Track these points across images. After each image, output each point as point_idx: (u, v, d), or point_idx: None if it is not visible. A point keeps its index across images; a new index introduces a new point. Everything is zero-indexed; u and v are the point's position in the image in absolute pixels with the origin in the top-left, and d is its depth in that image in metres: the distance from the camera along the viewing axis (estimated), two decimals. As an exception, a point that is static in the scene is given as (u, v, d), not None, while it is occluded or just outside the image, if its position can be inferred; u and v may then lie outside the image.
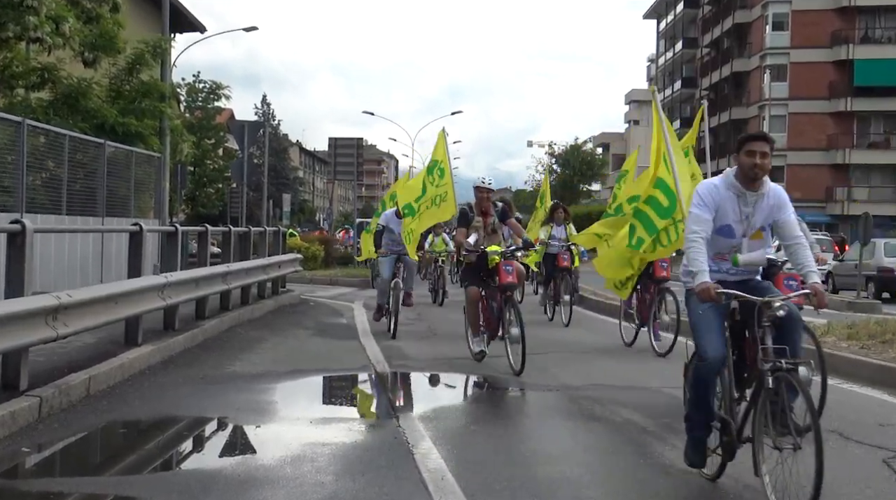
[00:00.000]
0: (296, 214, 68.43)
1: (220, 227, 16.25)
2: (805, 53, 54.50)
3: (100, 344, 9.71)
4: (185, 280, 11.41)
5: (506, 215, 10.47)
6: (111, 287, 9.45)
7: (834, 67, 54.27)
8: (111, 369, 8.50)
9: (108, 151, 15.76)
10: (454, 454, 6.09)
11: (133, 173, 17.05)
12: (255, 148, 46.36)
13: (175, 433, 7.16)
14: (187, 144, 21.23)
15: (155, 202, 19.01)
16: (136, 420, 7.32)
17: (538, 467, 5.89)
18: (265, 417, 7.42)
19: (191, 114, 43.50)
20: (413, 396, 9.00)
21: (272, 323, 14.35)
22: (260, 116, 78.56)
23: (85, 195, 15.26)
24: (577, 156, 61.56)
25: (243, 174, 21.28)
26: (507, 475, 5.55)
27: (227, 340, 12.03)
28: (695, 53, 70.70)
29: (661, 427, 6.97)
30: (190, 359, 10.21)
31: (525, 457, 6.15)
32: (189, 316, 12.28)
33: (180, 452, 6.59)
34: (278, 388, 8.85)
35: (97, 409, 7.43)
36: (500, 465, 5.88)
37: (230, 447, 6.64)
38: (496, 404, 8.36)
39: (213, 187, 45.17)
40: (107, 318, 8.82)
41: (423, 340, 12.48)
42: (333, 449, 6.21)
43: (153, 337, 10.39)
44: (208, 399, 8.07)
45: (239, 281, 14.35)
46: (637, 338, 11.77)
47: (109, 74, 17.38)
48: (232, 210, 34.94)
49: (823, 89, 53.71)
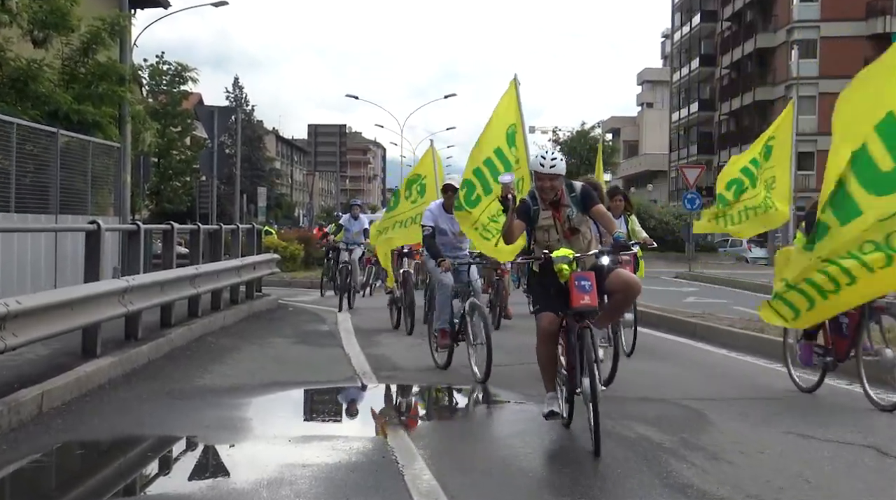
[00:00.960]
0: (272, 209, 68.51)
1: (188, 225, 16.24)
2: (837, 27, 54.67)
3: (54, 356, 9.68)
4: (148, 284, 11.40)
5: (590, 202, 7.48)
6: (66, 292, 9.44)
7: (869, 42, 54.34)
8: (67, 384, 8.47)
9: (62, 141, 15.72)
10: (448, 474, 6.09)
11: (90, 166, 17.01)
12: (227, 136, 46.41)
13: (138, 454, 7.15)
14: (150, 132, 21.15)
15: (115, 198, 18.97)
16: (95, 440, 7.31)
17: (542, 490, 5.89)
18: (239, 435, 7.42)
19: (154, 99, 43.51)
20: (403, 410, 9.01)
21: (246, 331, 14.34)
22: (231, 100, 78.63)
23: (36, 190, 15.21)
24: (585, 143, 61.70)
25: (213, 166, 21.29)
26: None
27: (197, 350, 12.01)
28: (714, 28, 70.87)
29: (678, 443, 6.98)
30: (155, 372, 10.19)
31: (528, 478, 6.15)
32: (154, 324, 12.26)
33: (145, 475, 6.58)
34: (253, 403, 8.84)
35: (51, 428, 7.41)
36: (499, 487, 5.88)
37: (200, 469, 6.63)
38: (495, 420, 8.37)
39: (180, 181, 45.20)
40: (61, 327, 8.80)
41: (413, 347, 12.49)
42: (315, 471, 6.21)
43: (113, 348, 10.36)
44: (175, 416, 8.06)
45: (209, 285, 14.34)
46: (824, 380, 9.13)
47: (62, 55, 17.32)
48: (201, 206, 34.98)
49: (858, 67, 52.21)
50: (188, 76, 39.08)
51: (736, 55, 64.27)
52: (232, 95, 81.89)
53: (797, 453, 6.75)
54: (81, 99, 16.73)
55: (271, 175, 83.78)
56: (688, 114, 75.48)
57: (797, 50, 53.24)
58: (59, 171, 15.59)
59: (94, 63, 17.59)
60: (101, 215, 16.44)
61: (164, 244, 14.67)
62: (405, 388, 9.96)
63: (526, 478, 6.16)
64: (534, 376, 9.35)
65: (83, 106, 16.49)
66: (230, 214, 32.67)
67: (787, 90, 55.70)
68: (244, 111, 74.17)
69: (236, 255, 18.41)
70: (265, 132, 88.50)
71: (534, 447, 7.08)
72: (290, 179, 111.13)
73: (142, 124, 19.92)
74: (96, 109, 16.83)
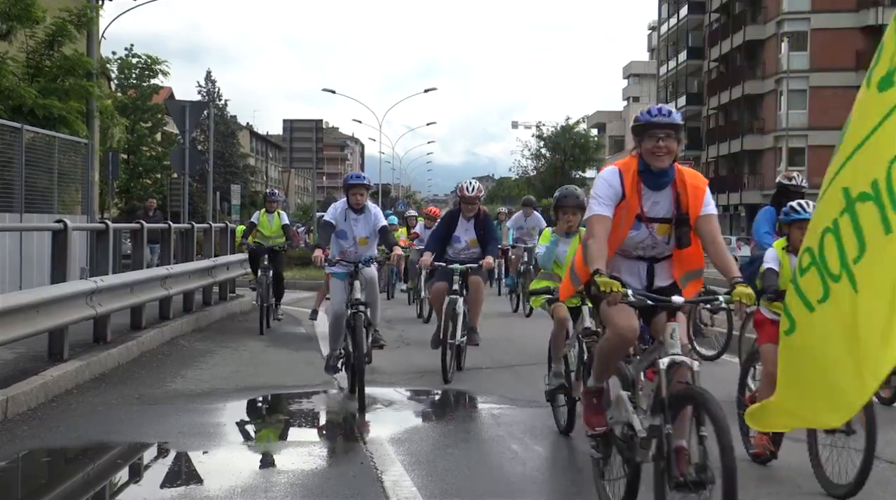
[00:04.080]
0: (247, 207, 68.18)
1: (160, 224, 16.17)
2: (828, 18, 54.97)
3: (19, 360, 9.64)
4: (117, 285, 11.36)
5: None
6: (31, 294, 9.39)
7: (861, 34, 54.70)
8: (32, 389, 8.44)
9: (27, 137, 15.64)
10: (429, 481, 6.11)
11: (56, 163, 16.93)
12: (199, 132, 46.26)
13: (108, 461, 7.12)
14: (119, 128, 21.13)
15: (82, 196, 18.89)
16: (62, 448, 7.29)
17: (526, 497, 5.91)
18: (212, 442, 7.41)
19: (123, 93, 43.31)
20: (382, 415, 9.00)
21: (220, 333, 14.31)
22: (204, 95, 78.26)
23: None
24: (569, 138, 61.83)
25: (185, 163, 21.17)
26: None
27: (168, 353, 11.98)
28: (702, 19, 71.12)
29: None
30: (125, 376, 10.16)
31: (510, 483, 6.17)
32: (123, 327, 12.22)
33: (114, 483, 6.56)
34: (227, 408, 8.83)
35: (16, 435, 7.38)
36: (481, 494, 5.90)
37: (172, 476, 6.62)
38: (477, 424, 8.38)
39: (151, 178, 45.01)
40: (27, 330, 8.76)
41: (391, 351, 12.49)
42: (291, 478, 6.21)
43: (81, 351, 10.32)
44: (146, 422, 8.04)
45: (181, 286, 14.30)
46: None
47: (26, 48, 17.26)
48: (172, 204, 34.86)
49: (849, 59, 54.13)
50: (159, 69, 38.78)
51: (724, 48, 64.52)
52: (204, 90, 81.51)
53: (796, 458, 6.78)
54: (47, 93, 16.67)
55: (245, 172, 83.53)
56: (675, 108, 75.76)
57: (787, 42, 53.55)
58: (23, 168, 15.50)
59: (60, 56, 17.53)
60: (67, 214, 16.37)
61: (134, 244, 14.62)
62: (385, 391, 9.95)
63: (508, 483, 6.18)
64: (514, 378, 9.39)
65: (49, 100, 16.43)
66: (203, 212, 32.59)
67: (777, 84, 56.03)
68: (217, 106, 73.90)
69: (209, 255, 18.37)
70: (239, 128, 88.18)
71: (521, 452, 7.10)
72: (266, 176, 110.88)
73: (110, 120, 19.89)
74: (63, 103, 16.77)
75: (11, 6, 16.05)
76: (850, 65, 54.05)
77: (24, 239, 15.09)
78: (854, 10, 54.97)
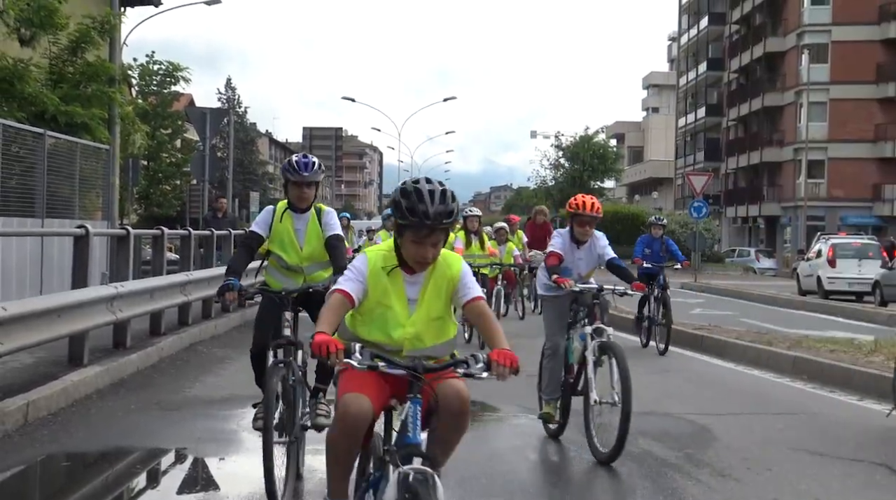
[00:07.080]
0: (265, 215, 68.40)
1: (179, 230, 16.23)
2: (848, 31, 54.70)
3: (40, 365, 9.69)
4: (138, 291, 11.39)
5: None
6: (53, 299, 9.44)
7: (882, 47, 54.49)
8: (53, 394, 8.48)
9: (49, 143, 15.72)
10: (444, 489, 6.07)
11: (78, 168, 17.01)
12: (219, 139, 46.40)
13: (126, 466, 7.14)
14: (140, 134, 21.18)
15: (103, 202, 18.97)
16: (82, 452, 7.31)
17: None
18: (230, 448, 7.42)
19: (144, 100, 43.44)
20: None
21: (239, 340, 14.30)
22: (224, 102, 78.53)
23: (22, 193, 15.21)
24: (588, 148, 61.64)
25: (205, 169, 21.29)
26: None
27: (187, 359, 12.01)
28: (722, 31, 70.96)
29: (683, 459, 6.99)
30: (143, 381, 10.19)
31: (528, 493, 6.15)
32: (143, 332, 12.26)
33: (132, 489, 6.58)
34: (246, 415, 8.81)
35: (36, 439, 7.42)
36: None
37: (189, 482, 6.64)
38: (491, 433, 8.35)
39: (170, 184, 45.13)
40: (48, 334, 8.80)
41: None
42: (309, 484, 6.21)
43: (101, 356, 10.36)
44: (164, 428, 8.07)
45: (200, 292, 14.32)
46: None
47: (50, 55, 17.34)
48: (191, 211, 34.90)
49: (870, 72, 53.93)
50: (180, 76, 39.01)
51: (744, 59, 64.32)
52: (224, 97, 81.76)
53: (806, 470, 6.75)
54: (69, 100, 16.74)
55: (264, 179, 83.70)
56: (694, 119, 75.54)
57: (807, 54, 53.32)
58: (45, 173, 15.58)
59: (83, 63, 17.60)
60: (88, 220, 16.44)
61: (154, 250, 14.67)
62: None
63: (526, 494, 6.16)
64: (530, 387, 9.35)
65: (71, 107, 16.49)
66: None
67: (797, 96, 55.79)
68: (237, 113, 74.13)
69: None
70: (258, 135, 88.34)
71: (533, 462, 7.08)
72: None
73: (131, 126, 19.94)
74: (85, 110, 16.83)
75: (35, 12, 16.14)
76: (870, 78, 53.84)
77: (45, 244, 15.17)
78: (875, 23, 54.70)
